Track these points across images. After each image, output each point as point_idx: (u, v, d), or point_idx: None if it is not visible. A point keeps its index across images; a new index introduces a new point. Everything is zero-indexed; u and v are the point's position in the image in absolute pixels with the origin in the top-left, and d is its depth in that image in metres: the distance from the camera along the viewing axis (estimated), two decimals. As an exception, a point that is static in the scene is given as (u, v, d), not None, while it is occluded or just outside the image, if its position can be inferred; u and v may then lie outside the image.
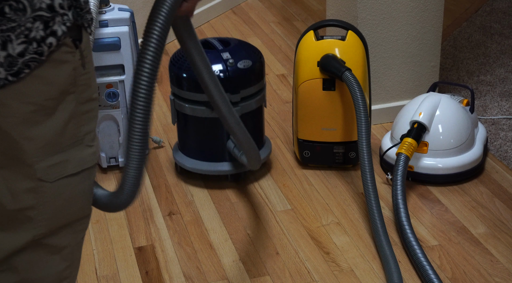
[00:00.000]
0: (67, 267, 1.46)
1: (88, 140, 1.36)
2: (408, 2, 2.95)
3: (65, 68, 1.27)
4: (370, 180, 2.44)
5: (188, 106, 2.62)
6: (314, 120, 2.71)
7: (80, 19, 1.27)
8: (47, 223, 1.37)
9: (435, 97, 2.70)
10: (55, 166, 1.32)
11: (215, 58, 2.58)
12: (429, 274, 2.17)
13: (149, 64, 1.41)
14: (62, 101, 1.28)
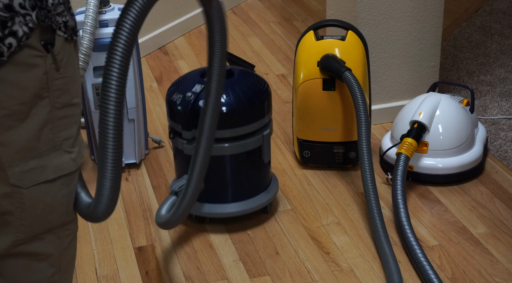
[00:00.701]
0: (55, 273, 1.45)
1: (67, 146, 1.34)
2: (408, 2, 2.95)
3: (35, 72, 1.24)
4: (370, 180, 2.44)
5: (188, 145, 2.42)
6: (314, 120, 2.71)
7: (48, 21, 1.24)
8: (26, 229, 1.35)
9: (435, 97, 2.70)
10: (30, 171, 1.30)
11: (188, 89, 2.39)
12: (429, 274, 2.17)
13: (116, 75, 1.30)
14: (35, 105, 1.26)
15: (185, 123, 2.37)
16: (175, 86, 2.45)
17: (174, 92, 2.42)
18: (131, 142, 2.82)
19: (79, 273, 2.31)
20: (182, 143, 2.41)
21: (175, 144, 2.45)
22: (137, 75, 2.76)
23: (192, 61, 3.79)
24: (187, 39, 4.07)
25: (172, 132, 2.44)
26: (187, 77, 2.46)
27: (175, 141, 2.44)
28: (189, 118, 2.36)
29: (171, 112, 2.42)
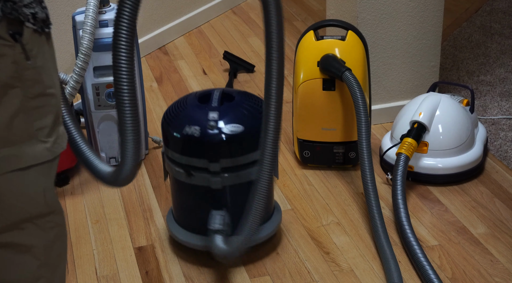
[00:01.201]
0: (40, 266, 1.45)
1: (42, 136, 1.36)
2: (408, 2, 2.95)
3: (3, 61, 1.26)
4: (370, 180, 2.44)
5: (171, 166, 2.24)
6: (314, 120, 2.71)
7: (15, 13, 1.26)
8: (2, 217, 1.37)
9: (435, 97, 2.70)
10: (2, 159, 1.32)
11: (202, 116, 2.17)
12: (429, 274, 2.17)
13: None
14: (5, 95, 1.28)
15: (213, 154, 2.14)
16: (177, 119, 2.19)
17: (183, 126, 2.15)
18: (131, 142, 2.81)
19: (79, 273, 2.31)
20: (207, 178, 2.17)
21: (195, 182, 2.19)
22: (137, 75, 2.76)
23: (192, 61, 3.79)
24: (187, 39, 4.07)
25: (190, 169, 2.17)
26: (183, 106, 2.23)
27: (195, 178, 2.19)
28: (217, 148, 2.14)
29: (186, 148, 2.16)
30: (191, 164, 2.17)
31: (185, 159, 2.17)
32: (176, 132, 2.17)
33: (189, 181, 2.20)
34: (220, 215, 2.18)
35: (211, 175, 2.16)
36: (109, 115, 2.74)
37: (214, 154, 2.15)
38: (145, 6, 3.80)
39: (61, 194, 2.71)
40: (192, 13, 4.17)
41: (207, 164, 2.15)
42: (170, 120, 2.21)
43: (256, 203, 1.90)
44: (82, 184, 2.77)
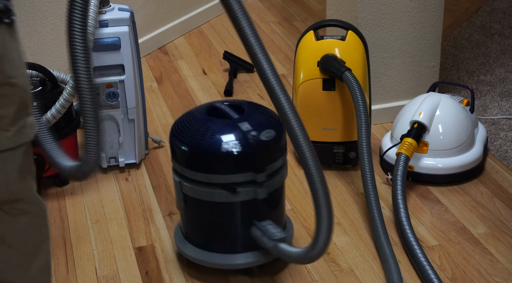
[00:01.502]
0: (14, 255, 1.47)
1: (3, 125, 1.38)
2: (408, 2, 2.95)
3: None
4: (370, 180, 2.44)
5: (201, 190, 2.13)
6: (314, 120, 2.71)
7: None
8: None
9: (435, 97, 2.70)
10: None
11: (232, 130, 2.09)
12: (429, 274, 2.17)
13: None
14: None
15: (259, 165, 2.09)
16: (206, 141, 2.07)
17: (218, 145, 2.05)
18: (131, 142, 2.82)
19: (79, 273, 2.31)
20: (254, 190, 2.10)
21: (239, 198, 2.10)
22: (137, 75, 2.76)
23: (192, 61, 3.79)
24: (187, 39, 4.07)
25: (235, 186, 2.08)
26: (204, 126, 2.10)
27: (240, 195, 2.09)
28: (263, 157, 2.09)
29: (229, 165, 2.07)
30: (235, 181, 2.08)
31: (227, 178, 2.08)
32: (216, 153, 2.06)
33: (232, 199, 2.10)
34: (270, 224, 2.13)
35: (257, 186, 2.10)
36: (109, 115, 2.74)
37: (261, 163, 2.10)
38: (145, 6, 3.80)
39: (61, 194, 2.71)
40: (192, 13, 4.16)
41: (254, 175, 2.08)
42: (197, 142, 2.08)
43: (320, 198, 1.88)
44: (82, 184, 2.77)
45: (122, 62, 2.69)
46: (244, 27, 1.63)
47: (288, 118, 1.73)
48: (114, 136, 2.80)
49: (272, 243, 2.08)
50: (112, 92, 2.71)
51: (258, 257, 2.20)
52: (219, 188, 2.09)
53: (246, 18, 1.62)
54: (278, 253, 2.08)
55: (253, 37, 1.64)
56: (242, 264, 2.21)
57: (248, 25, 1.63)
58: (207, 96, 3.41)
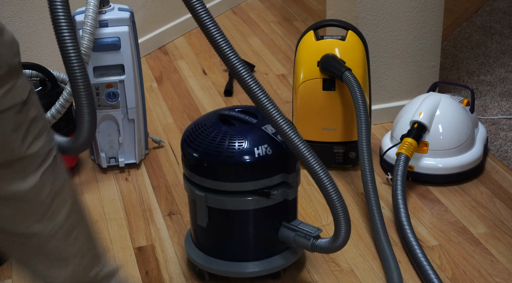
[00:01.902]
0: (39, 207, 1.53)
1: None
2: (408, 2, 2.95)
3: None
4: (370, 180, 2.44)
5: (229, 199, 2.07)
6: (314, 120, 2.71)
7: None
8: None
9: (435, 97, 2.70)
10: None
11: (258, 135, 2.05)
12: (429, 274, 2.17)
13: None
14: None
15: (290, 165, 2.07)
16: (236, 148, 2.02)
17: (252, 150, 2.01)
18: (131, 142, 2.82)
19: (79, 273, 2.31)
20: (285, 192, 2.08)
21: (272, 202, 2.08)
22: (137, 75, 2.76)
23: (192, 61, 3.79)
24: (187, 39, 4.07)
25: (268, 189, 2.05)
26: (225, 135, 2.05)
27: (274, 198, 2.06)
28: (291, 157, 2.07)
29: (262, 169, 2.04)
30: (269, 185, 2.05)
31: (261, 183, 2.05)
32: (247, 159, 2.01)
33: (265, 204, 2.07)
34: (302, 222, 2.13)
35: (288, 187, 2.08)
36: (109, 115, 2.74)
37: (291, 164, 2.08)
38: (145, 6, 3.80)
39: (61, 194, 2.71)
40: (192, 13, 4.16)
41: (286, 177, 2.07)
42: (227, 152, 2.01)
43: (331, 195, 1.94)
44: (82, 184, 2.77)
45: (122, 62, 2.69)
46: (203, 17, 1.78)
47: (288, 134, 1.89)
48: (114, 136, 2.80)
49: (311, 241, 2.08)
50: (112, 92, 2.71)
51: (287, 258, 2.19)
52: (253, 195, 2.05)
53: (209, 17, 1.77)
54: (316, 249, 2.10)
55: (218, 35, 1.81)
56: (274, 268, 2.18)
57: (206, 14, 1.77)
58: (207, 96, 3.41)
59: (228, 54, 1.83)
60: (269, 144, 2.04)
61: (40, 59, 3.23)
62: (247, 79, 1.85)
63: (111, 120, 2.76)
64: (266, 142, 2.04)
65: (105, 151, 2.81)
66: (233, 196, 2.06)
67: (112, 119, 2.76)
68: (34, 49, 3.23)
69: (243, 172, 2.03)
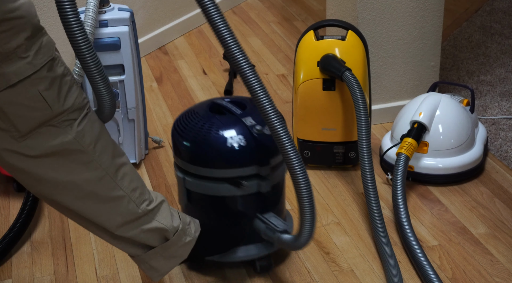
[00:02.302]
0: (85, 152, 1.68)
1: (20, 52, 1.49)
2: (408, 2, 2.95)
3: None
4: (370, 180, 2.44)
5: (206, 185, 2.15)
6: (314, 120, 2.71)
7: None
8: (18, 127, 1.57)
9: (435, 97, 2.70)
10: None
11: (236, 125, 2.11)
12: (429, 274, 2.17)
13: None
14: None
15: (263, 158, 2.11)
16: (212, 137, 2.10)
17: (223, 139, 2.08)
18: (131, 142, 2.82)
19: (79, 273, 2.31)
20: (258, 183, 2.13)
21: (244, 192, 2.13)
22: (137, 75, 2.76)
23: (192, 61, 3.79)
24: (187, 39, 4.07)
25: (241, 179, 2.11)
26: (208, 122, 2.13)
27: (245, 188, 2.12)
28: (267, 150, 2.11)
29: (234, 159, 2.09)
30: (240, 175, 2.10)
31: (232, 172, 2.10)
32: (220, 148, 2.09)
33: (236, 193, 2.13)
34: (273, 216, 2.16)
35: (261, 180, 2.12)
36: (109, 115, 2.74)
37: (265, 157, 2.11)
38: (145, 6, 3.80)
39: (61, 194, 2.71)
40: (192, 13, 4.16)
41: (258, 169, 2.11)
42: (202, 138, 2.10)
43: (302, 193, 1.89)
44: (82, 184, 2.77)
45: (122, 62, 2.69)
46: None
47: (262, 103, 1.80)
48: (114, 136, 2.80)
49: (276, 235, 2.10)
50: (112, 92, 2.70)
51: (260, 249, 2.22)
52: (224, 182, 2.12)
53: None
54: (280, 243, 2.12)
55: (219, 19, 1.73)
56: (244, 257, 2.22)
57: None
58: (207, 96, 3.41)
59: (227, 36, 1.73)
60: (244, 135, 2.09)
61: (40, 59, 3.23)
62: (245, 69, 1.76)
63: (111, 120, 2.76)
64: (242, 133, 2.10)
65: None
66: (207, 181, 2.13)
67: (112, 119, 2.76)
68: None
69: (216, 159, 2.10)
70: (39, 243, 2.44)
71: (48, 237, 2.47)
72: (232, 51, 1.74)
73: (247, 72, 1.76)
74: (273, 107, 1.80)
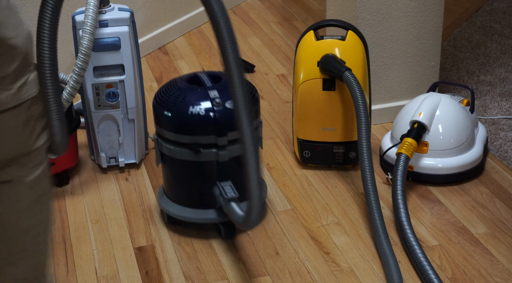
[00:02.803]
0: (36, 197, 1.55)
1: (5, 84, 1.42)
2: (408, 2, 2.95)
3: None
4: (370, 180, 2.44)
5: (172, 148, 2.37)
6: (314, 120, 2.71)
7: None
8: None
9: (435, 97, 2.70)
10: None
11: (202, 96, 2.32)
12: (429, 274, 2.17)
13: None
14: None
15: (220, 129, 2.29)
16: (178, 103, 2.32)
17: (186, 107, 2.29)
18: (131, 142, 2.82)
19: (79, 273, 2.31)
20: (215, 153, 2.31)
21: (203, 158, 2.32)
22: (137, 75, 2.76)
23: (192, 61, 3.79)
24: (187, 39, 4.07)
25: (198, 146, 2.31)
26: (179, 90, 2.35)
27: (203, 155, 2.31)
28: (225, 122, 2.29)
29: (194, 127, 2.30)
30: (199, 142, 2.31)
31: (192, 138, 2.31)
32: (183, 115, 2.30)
33: (196, 158, 2.33)
34: (229, 185, 2.34)
35: (219, 149, 2.31)
36: (109, 115, 2.74)
37: (223, 128, 2.29)
38: (145, 6, 3.80)
39: (61, 194, 2.71)
40: (192, 13, 4.17)
41: (216, 139, 2.30)
42: (170, 105, 2.33)
43: (251, 169, 1.87)
44: (82, 184, 2.77)
45: (122, 62, 2.69)
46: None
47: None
48: (114, 136, 2.80)
49: (224, 202, 2.29)
50: (112, 92, 2.71)
51: (221, 215, 2.38)
52: (186, 147, 2.32)
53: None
54: (228, 212, 2.26)
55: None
56: (208, 219, 2.41)
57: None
58: (207, 96, 3.41)
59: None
60: (205, 106, 2.29)
61: (40, 59, 3.23)
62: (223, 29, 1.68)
63: (111, 120, 2.76)
64: (202, 103, 2.30)
65: (105, 151, 2.81)
66: (173, 145, 2.36)
67: (112, 119, 2.76)
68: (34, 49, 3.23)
69: (179, 125, 2.32)
70: (39, 243, 2.44)
71: (48, 237, 2.47)
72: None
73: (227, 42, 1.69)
74: (243, 84, 1.74)
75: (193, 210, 2.43)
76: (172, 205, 2.46)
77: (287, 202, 2.62)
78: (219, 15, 1.70)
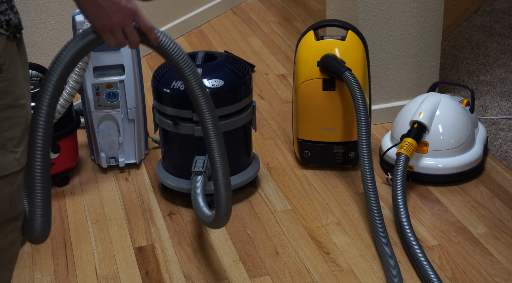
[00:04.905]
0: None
1: (11, 146, 1.36)
2: (408, 2, 2.95)
3: None
4: (370, 180, 2.44)
5: (160, 118, 2.55)
6: (314, 120, 2.71)
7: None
8: None
9: (435, 97, 2.70)
10: None
11: None
12: (429, 274, 2.17)
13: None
14: None
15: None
16: (166, 77, 2.50)
17: (171, 82, 2.48)
18: (131, 142, 2.82)
19: (79, 273, 2.31)
20: (191, 127, 2.49)
21: (181, 131, 2.51)
22: (137, 75, 2.76)
23: (192, 61, 3.79)
24: (187, 39, 4.07)
25: (177, 119, 2.50)
26: (168, 66, 2.53)
27: (181, 128, 2.50)
28: None
29: (175, 100, 2.48)
30: (178, 115, 2.50)
31: (173, 111, 2.50)
32: (166, 88, 2.49)
33: (176, 130, 2.52)
34: (202, 159, 2.49)
35: (195, 124, 2.48)
36: (109, 115, 2.74)
37: None
38: (145, 6, 3.80)
39: (61, 194, 2.71)
40: (192, 13, 4.17)
41: (191, 114, 2.47)
42: (160, 78, 2.52)
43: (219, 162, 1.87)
44: (82, 184, 2.77)
45: (122, 62, 2.69)
46: None
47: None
48: (114, 136, 2.80)
49: (192, 174, 2.44)
50: (112, 92, 2.71)
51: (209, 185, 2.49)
52: (168, 118, 2.52)
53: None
54: (196, 211, 2.30)
55: None
56: (188, 189, 2.55)
57: None
58: (207, 96, 3.41)
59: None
60: None
61: (40, 59, 3.23)
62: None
63: (111, 120, 2.76)
64: None
65: (105, 151, 2.81)
66: (162, 116, 2.55)
67: (112, 119, 2.76)
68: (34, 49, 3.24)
69: (164, 98, 2.51)
70: (39, 243, 2.44)
71: (48, 237, 2.47)
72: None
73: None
74: (194, 73, 1.71)
75: (178, 179, 2.60)
76: (163, 173, 2.66)
77: (287, 202, 2.62)
78: None
